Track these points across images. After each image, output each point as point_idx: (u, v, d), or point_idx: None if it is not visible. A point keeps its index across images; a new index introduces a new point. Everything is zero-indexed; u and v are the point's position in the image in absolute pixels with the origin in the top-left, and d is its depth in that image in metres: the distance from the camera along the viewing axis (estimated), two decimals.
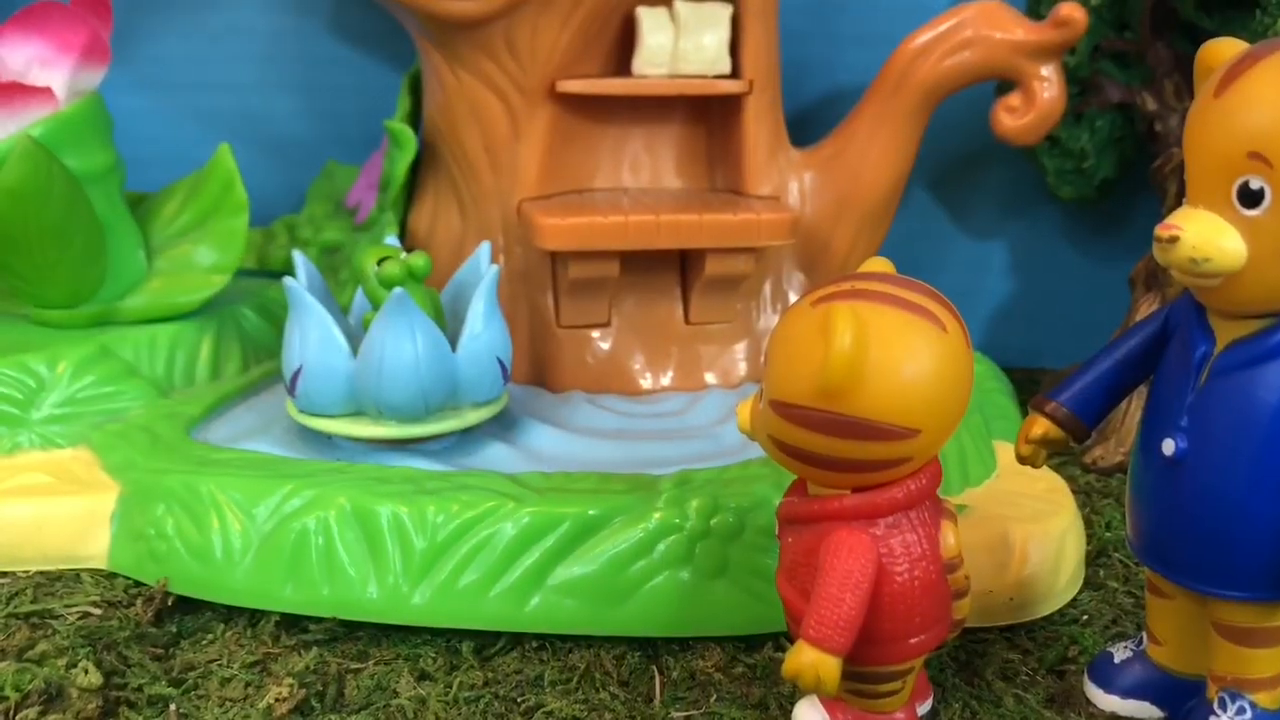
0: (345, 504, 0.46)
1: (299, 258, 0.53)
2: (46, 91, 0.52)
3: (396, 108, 0.64)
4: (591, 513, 0.45)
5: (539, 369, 0.60)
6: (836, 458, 0.35)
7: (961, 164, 0.71)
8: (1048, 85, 0.57)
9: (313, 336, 0.50)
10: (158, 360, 0.57)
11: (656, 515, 0.45)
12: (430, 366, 0.49)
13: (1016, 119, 0.58)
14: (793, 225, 0.57)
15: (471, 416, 0.52)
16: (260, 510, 0.46)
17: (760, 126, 0.60)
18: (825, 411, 0.34)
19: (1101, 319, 0.67)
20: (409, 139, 0.60)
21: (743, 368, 0.61)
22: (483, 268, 0.55)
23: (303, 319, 0.50)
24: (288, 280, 0.49)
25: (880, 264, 0.39)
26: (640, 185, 0.62)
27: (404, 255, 0.52)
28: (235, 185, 0.58)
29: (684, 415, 0.57)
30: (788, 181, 0.61)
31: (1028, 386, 0.68)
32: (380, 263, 0.51)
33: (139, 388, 0.55)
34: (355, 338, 0.55)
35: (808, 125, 0.67)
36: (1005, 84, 0.61)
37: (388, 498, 0.46)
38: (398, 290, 0.48)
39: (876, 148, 0.61)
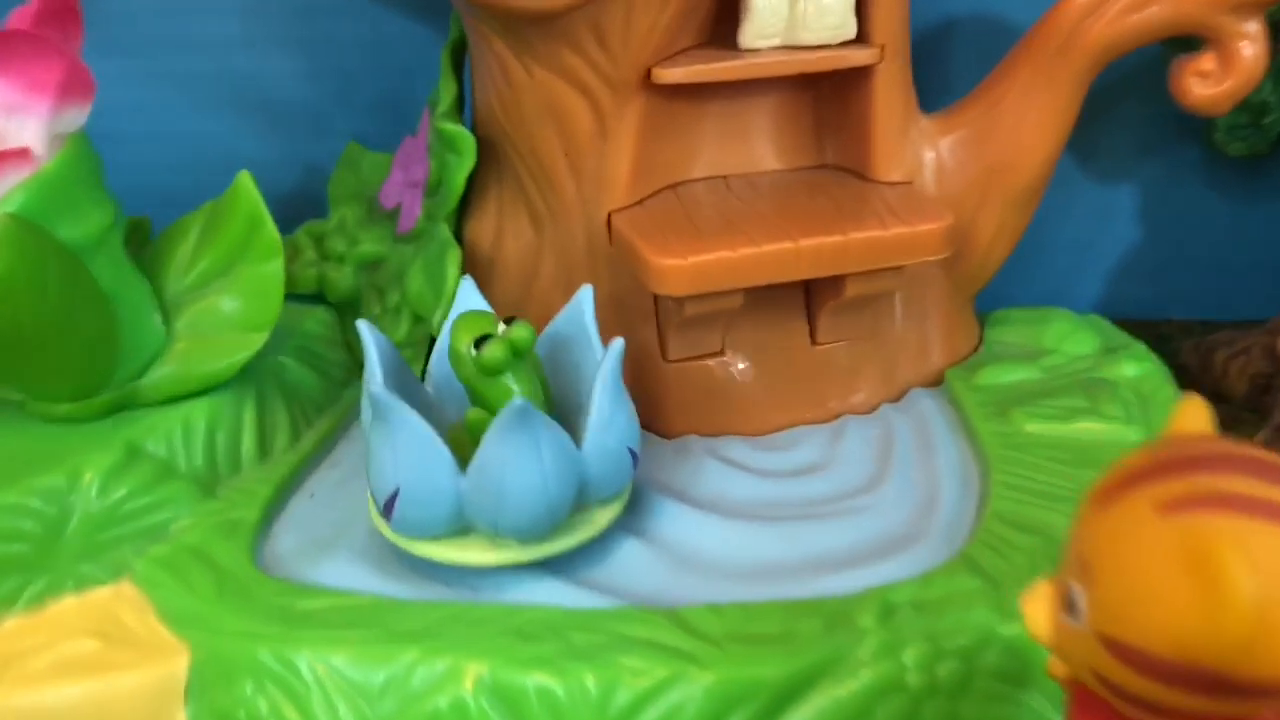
0: (484, 674, 0.38)
1: (367, 332, 0.43)
2: (22, 152, 0.40)
3: (440, 95, 0.52)
4: (789, 674, 0.37)
5: (644, 410, 0.51)
6: (1198, 713, 0.27)
7: (1090, 97, 0.61)
8: (1249, 44, 0.47)
9: (411, 455, 0.40)
10: (196, 449, 0.47)
11: (866, 672, 0.37)
12: (559, 480, 0.40)
13: (1211, 86, 0.48)
14: (951, 235, 0.47)
15: (601, 519, 0.43)
16: (376, 683, 0.38)
17: (892, 99, 0.50)
18: (1197, 667, 0.26)
19: (1239, 268, 0.59)
20: (468, 145, 0.49)
21: (875, 390, 0.52)
22: (585, 316, 0.45)
23: (396, 434, 0.40)
24: (375, 389, 0.39)
25: (1197, 412, 0.30)
26: (735, 168, 0.52)
27: (502, 327, 0.42)
28: (264, 222, 0.47)
29: (829, 470, 0.48)
30: (921, 158, 0.51)
31: (1153, 342, 0.60)
32: (478, 344, 0.41)
33: (181, 491, 0.46)
34: (435, 407, 0.45)
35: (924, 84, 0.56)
36: (1180, 41, 0.51)
37: (534, 664, 0.38)
38: (517, 403, 0.38)
39: (1031, 118, 0.50)
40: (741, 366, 0.51)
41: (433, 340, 0.52)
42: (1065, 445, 0.48)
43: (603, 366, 0.42)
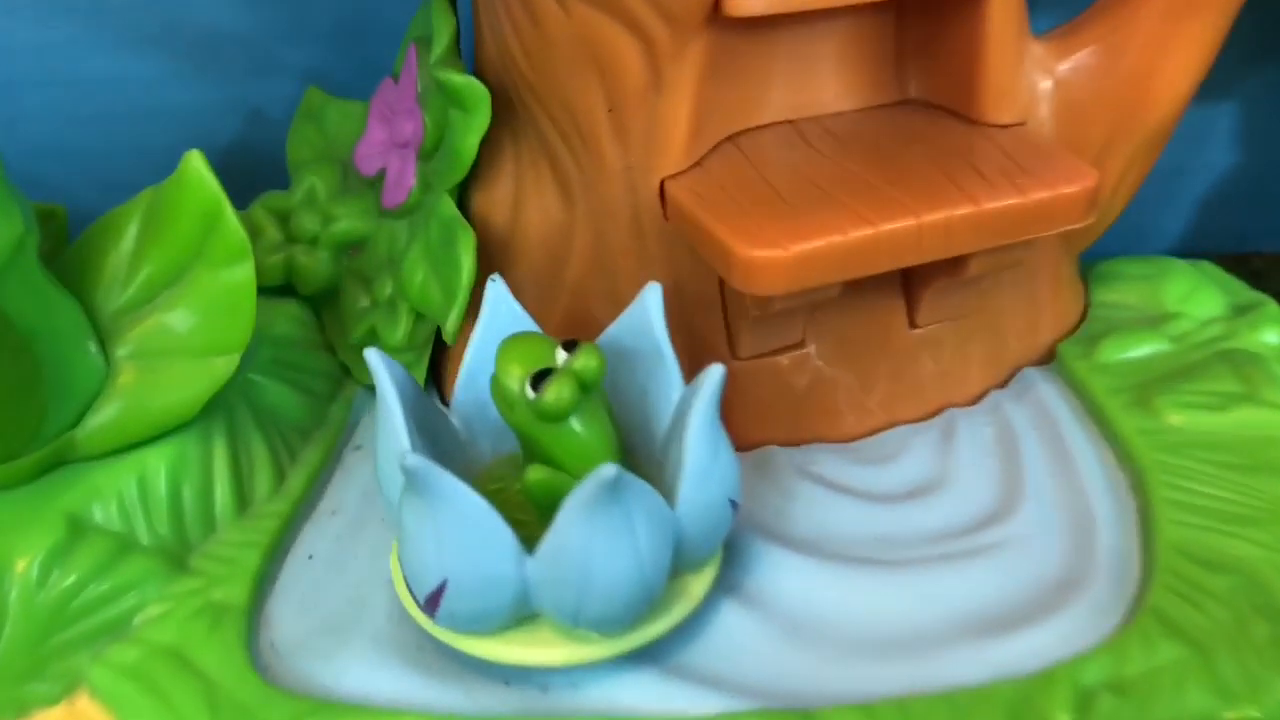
0: None
1: (378, 362, 0.33)
2: None
3: (432, 32, 0.41)
4: None
5: None
6: None
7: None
8: None
9: (462, 538, 0.30)
10: (157, 511, 0.37)
11: None
12: (654, 559, 0.31)
13: None
14: (1095, 196, 0.38)
15: (696, 589, 0.34)
16: None
17: (1007, 16, 0.40)
18: None
19: None
20: (481, 100, 0.38)
21: (981, 375, 0.44)
22: (655, 325, 0.35)
23: (441, 513, 0.30)
24: (411, 463, 0.29)
25: None
26: (801, 110, 0.42)
27: (561, 355, 0.32)
28: (223, 215, 0.36)
29: (947, 487, 0.40)
30: (1036, 92, 0.42)
31: (1248, 279, 0.52)
32: (537, 382, 0.32)
33: (143, 569, 0.36)
34: (465, 446, 0.36)
35: None
36: None
37: None
38: (608, 474, 0.29)
39: (1174, 52, 0.41)
40: (826, 359, 0.41)
41: (438, 341, 0.42)
42: (1226, 443, 0.40)
43: (697, 403, 0.32)
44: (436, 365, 0.44)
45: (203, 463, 0.38)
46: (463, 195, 0.42)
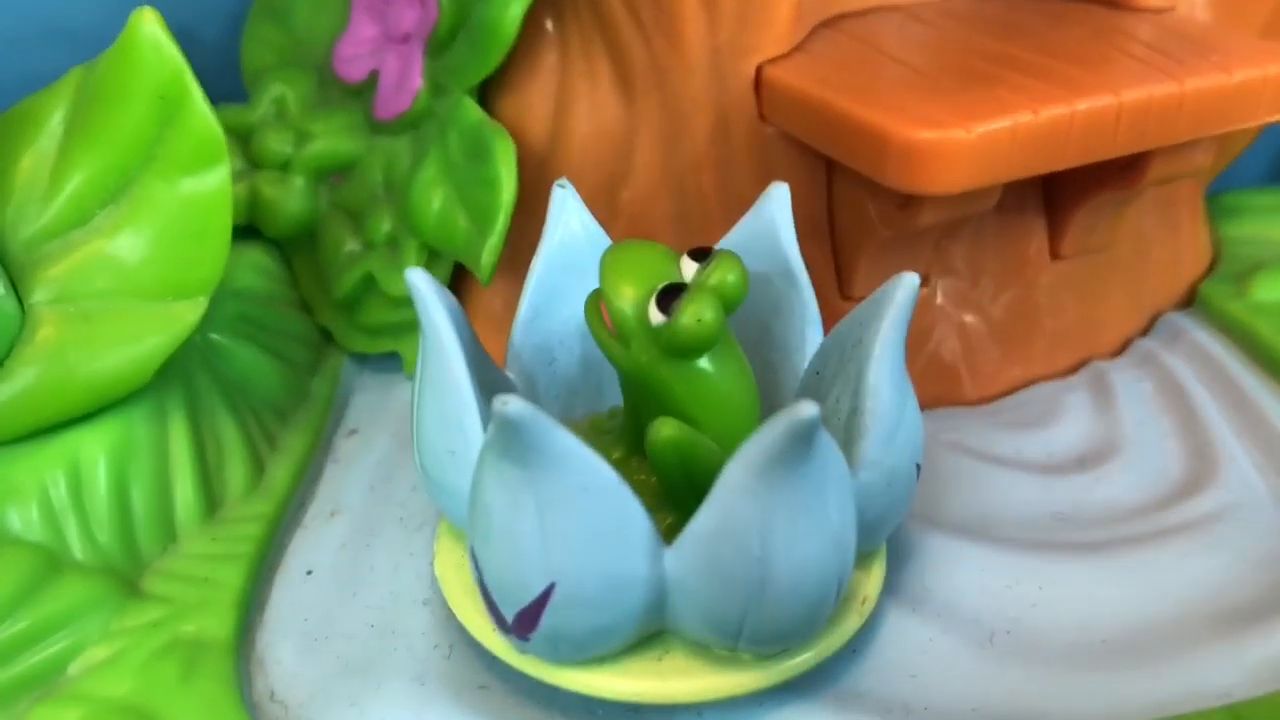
0: None
1: (427, 290, 0.23)
2: None
3: None
4: None
5: None
6: None
7: None
8: None
9: (583, 521, 0.21)
10: (95, 514, 0.26)
11: None
12: (848, 544, 0.22)
13: None
14: None
15: (869, 588, 0.25)
16: None
17: None
18: None
19: None
20: None
21: (1122, 319, 0.36)
22: (780, 229, 0.27)
23: (552, 485, 0.20)
24: (511, 404, 0.19)
25: None
26: None
27: (689, 267, 0.23)
28: (187, 99, 0.26)
29: (1124, 453, 0.31)
30: None
31: None
32: (666, 301, 0.22)
33: (79, 597, 0.25)
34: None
35: None
36: None
37: None
38: (806, 411, 0.19)
39: None
40: (954, 300, 0.33)
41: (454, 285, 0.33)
42: None
43: (885, 330, 0.23)
44: None
45: (156, 449, 0.28)
46: (483, 101, 0.32)
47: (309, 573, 0.28)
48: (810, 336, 0.27)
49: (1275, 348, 0.34)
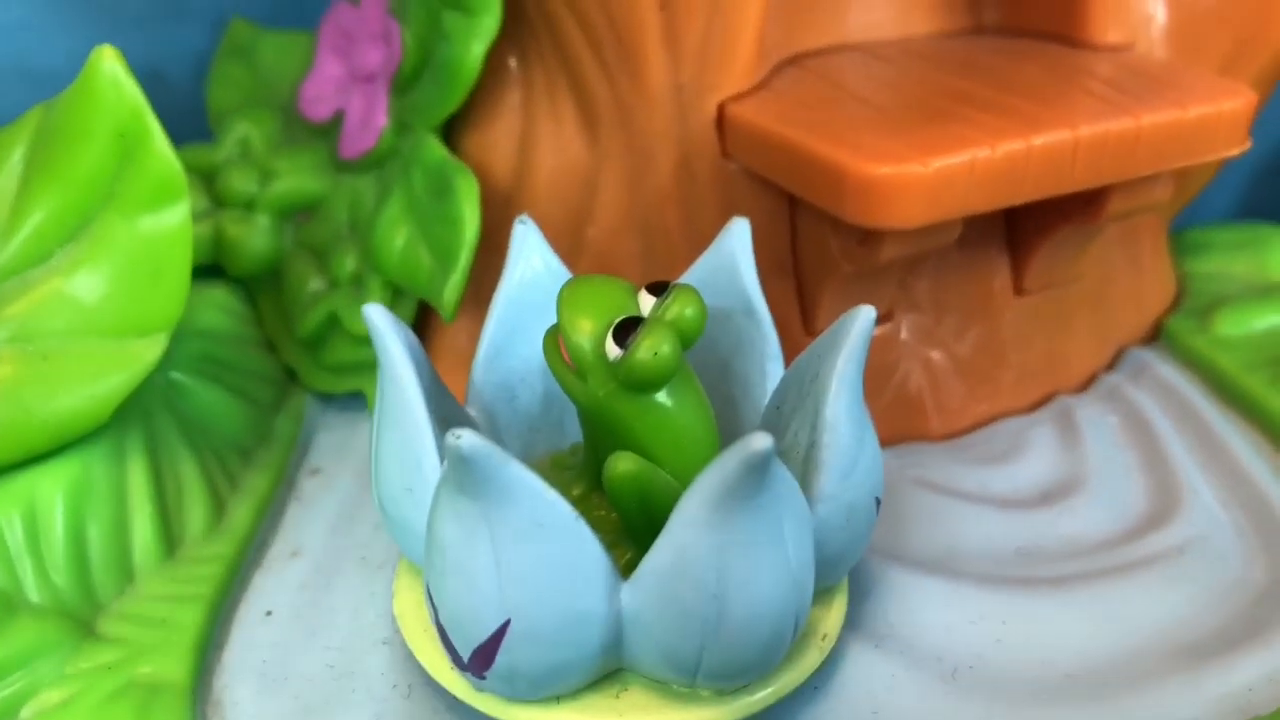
0: None
1: (384, 324, 0.23)
2: None
3: None
4: None
5: None
6: None
7: None
8: None
9: (538, 556, 0.21)
10: (51, 555, 0.26)
11: None
12: (806, 578, 0.22)
13: None
14: (1253, 116, 0.31)
15: (829, 624, 0.25)
16: None
17: None
18: None
19: None
20: None
21: (1088, 354, 0.36)
22: (742, 267, 0.27)
23: (506, 518, 0.20)
24: (465, 438, 0.19)
25: None
26: (859, 33, 0.34)
27: (647, 301, 0.23)
28: (148, 135, 0.26)
29: (1087, 487, 0.31)
30: (1146, 10, 0.34)
31: None
32: (622, 335, 0.22)
33: (33, 639, 0.25)
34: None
35: None
36: None
37: None
38: (759, 443, 0.19)
39: None
40: (918, 336, 0.33)
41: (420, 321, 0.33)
42: None
43: (842, 364, 0.23)
44: None
45: (114, 489, 0.27)
46: (448, 139, 0.33)
47: (268, 613, 0.28)
48: (771, 372, 0.27)
49: (1238, 382, 0.34)
